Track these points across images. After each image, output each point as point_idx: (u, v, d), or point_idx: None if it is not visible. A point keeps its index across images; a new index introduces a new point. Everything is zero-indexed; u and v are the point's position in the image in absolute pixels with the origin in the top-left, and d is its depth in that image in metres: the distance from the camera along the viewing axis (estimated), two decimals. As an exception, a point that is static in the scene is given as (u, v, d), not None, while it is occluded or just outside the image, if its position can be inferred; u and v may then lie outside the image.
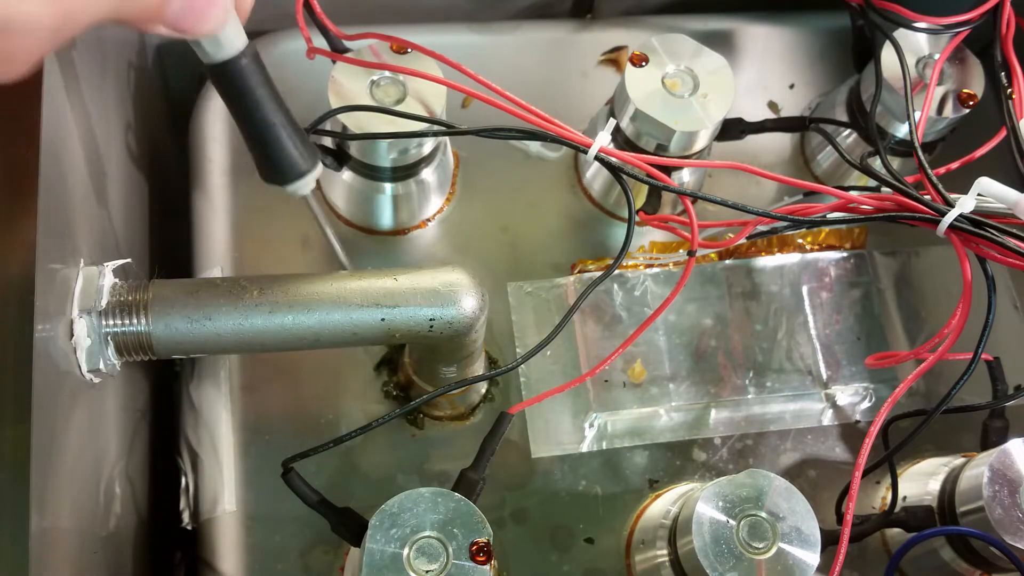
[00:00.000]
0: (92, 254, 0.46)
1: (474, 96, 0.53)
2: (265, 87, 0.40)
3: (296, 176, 0.43)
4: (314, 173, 0.43)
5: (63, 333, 0.41)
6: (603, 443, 0.59)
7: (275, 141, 0.41)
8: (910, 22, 0.60)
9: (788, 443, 0.61)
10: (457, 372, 0.54)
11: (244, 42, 0.38)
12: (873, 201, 0.52)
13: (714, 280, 0.64)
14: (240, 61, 0.38)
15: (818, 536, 0.48)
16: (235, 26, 0.37)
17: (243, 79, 0.39)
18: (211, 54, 0.37)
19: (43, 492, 0.37)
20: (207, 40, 0.37)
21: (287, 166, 0.42)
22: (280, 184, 0.43)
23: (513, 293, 0.62)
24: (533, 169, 0.66)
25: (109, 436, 0.50)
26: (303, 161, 0.42)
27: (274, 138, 0.41)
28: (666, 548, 0.52)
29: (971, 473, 0.53)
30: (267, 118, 0.40)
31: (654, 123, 0.58)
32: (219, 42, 0.37)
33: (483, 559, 0.44)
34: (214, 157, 0.63)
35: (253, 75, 0.39)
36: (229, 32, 0.37)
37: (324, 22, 0.54)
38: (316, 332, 0.47)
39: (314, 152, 0.43)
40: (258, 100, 0.40)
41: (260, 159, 0.43)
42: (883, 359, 0.59)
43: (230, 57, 0.38)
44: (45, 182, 0.39)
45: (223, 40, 0.37)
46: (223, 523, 0.55)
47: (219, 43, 0.37)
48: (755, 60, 0.71)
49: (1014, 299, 0.67)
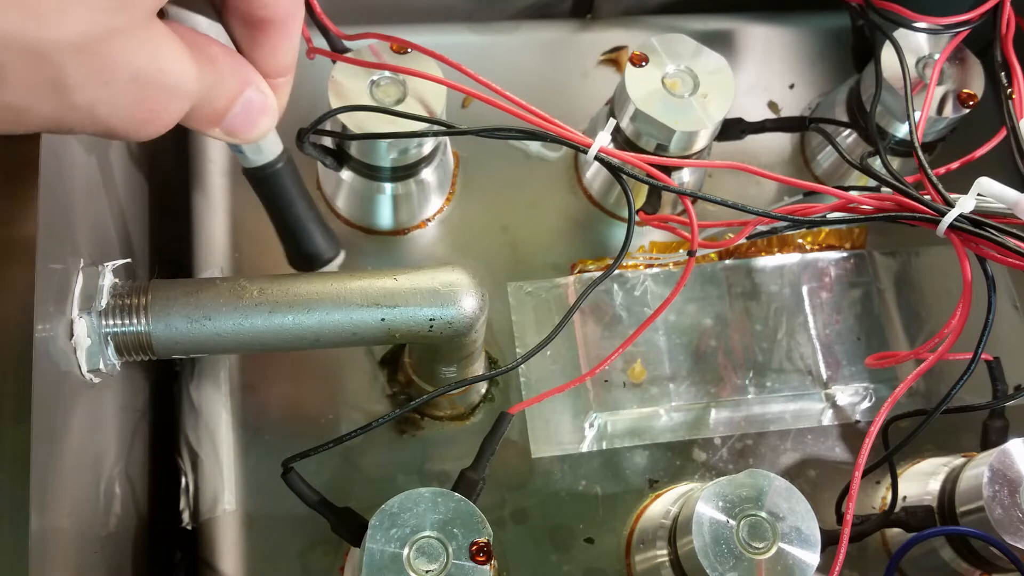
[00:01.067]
0: (92, 254, 0.46)
1: (474, 96, 0.53)
2: (296, 186, 0.44)
3: (321, 264, 0.48)
4: (337, 261, 0.48)
5: (63, 333, 0.41)
6: (603, 443, 0.59)
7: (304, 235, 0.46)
8: (910, 22, 0.60)
9: (788, 443, 0.61)
10: (457, 372, 0.54)
11: (280, 148, 0.41)
12: (873, 201, 0.52)
13: (714, 280, 0.64)
14: (276, 165, 0.42)
15: (818, 536, 0.48)
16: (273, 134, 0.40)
17: (278, 181, 0.43)
18: (253, 160, 0.41)
19: (43, 492, 0.37)
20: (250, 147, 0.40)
21: (314, 256, 0.47)
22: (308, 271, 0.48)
23: (513, 293, 0.62)
24: (533, 169, 0.66)
25: (109, 436, 0.50)
26: (327, 251, 0.47)
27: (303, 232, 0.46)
28: (666, 548, 0.52)
29: (971, 473, 0.53)
30: (298, 214, 0.45)
31: (654, 123, 0.58)
32: (261, 148, 0.41)
33: (483, 559, 0.44)
34: (214, 157, 0.63)
35: (287, 177, 0.43)
36: (271, 139, 0.40)
37: (324, 22, 0.54)
38: (316, 332, 0.47)
39: (336, 241, 0.48)
40: (291, 199, 0.44)
41: (290, 250, 0.47)
42: (883, 359, 0.59)
43: (268, 162, 0.41)
44: (45, 182, 0.39)
45: (264, 147, 0.41)
46: (223, 523, 0.55)
47: (261, 149, 0.41)
48: (755, 60, 0.71)
49: (1014, 299, 0.67)
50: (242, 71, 0.36)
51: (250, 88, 0.36)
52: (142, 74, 0.30)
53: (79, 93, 0.29)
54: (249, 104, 0.36)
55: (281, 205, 0.44)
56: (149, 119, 0.32)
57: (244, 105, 0.36)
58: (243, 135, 0.37)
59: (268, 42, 0.37)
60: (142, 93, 0.31)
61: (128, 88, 0.30)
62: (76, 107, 0.30)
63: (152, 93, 0.31)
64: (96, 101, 0.30)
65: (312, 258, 0.46)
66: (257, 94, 0.36)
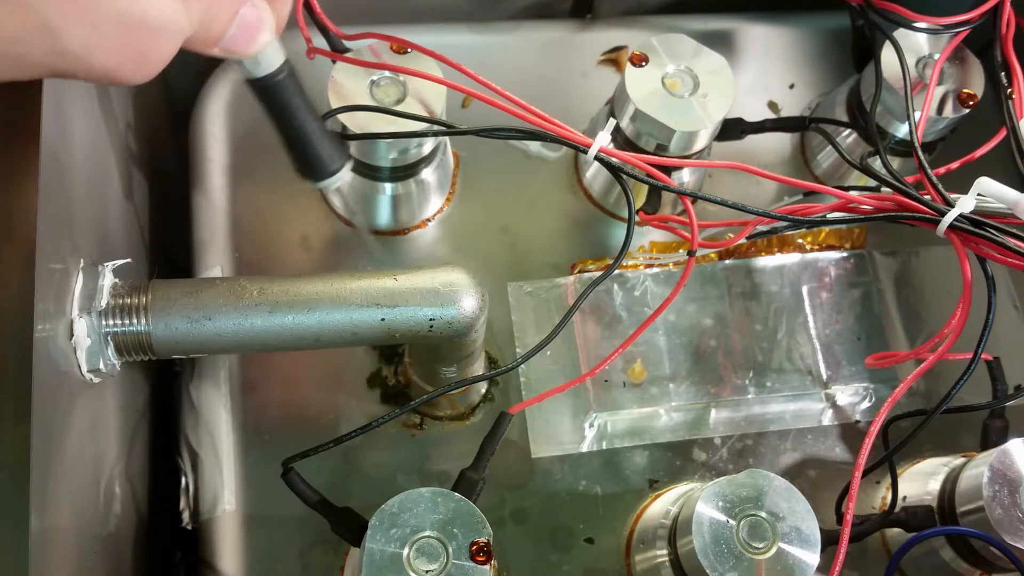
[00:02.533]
0: (92, 254, 0.46)
1: (474, 96, 0.53)
2: (300, 97, 0.44)
3: (329, 173, 0.47)
4: (345, 170, 0.48)
5: (63, 333, 0.41)
6: (603, 443, 0.59)
7: (310, 145, 0.46)
8: (910, 22, 0.60)
9: (788, 443, 0.61)
10: (457, 372, 0.54)
11: (282, 59, 0.42)
12: (873, 201, 0.52)
13: (714, 280, 0.64)
14: (278, 76, 0.42)
15: (818, 536, 0.48)
16: (274, 46, 0.41)
17: (281, 92, 0.43)
18: (253, 71, 0.41)
19: (43, 492, 0.37)
20: (250, 60, 0.40)
21: (322, 165, 0.47)
22: (315, 180, 0.48)
23: (513, 293, 0.62)
24: (533, 169, 0.66)
25: (109, 436, 0.50)
26: (334, 161, 0.47)
27: (309, 142, 0.46)
28: (666, 548, 0.52)
29: (971, 473, 0.53)
30: (303, 124, 0.45)
31: (654, 123, 0.58)
32: (259, 61, 0.41)
33: (483, 559, 0.44)
34: (214, 157, 0.63)
35: (289, 88, 0.43)
36: (270, 51, 0.41)
37: (324, 22, 0.54)
38: (316, 332, 0.47)
39: (344, 151, 0.48)
40: (295, 109, 0.44)
41: (297, 160, 0.47)
42: (883, 359, 0.59)
43: (270, 72, 0.41)
44: (45, 182, 0.39)
45: (263, 59, 0.41)
46: (223, 523, 0.55)
47: (259, 62, 0.41)
48: (755, 60, 0.71)
49: (1014, 299, 0.67)
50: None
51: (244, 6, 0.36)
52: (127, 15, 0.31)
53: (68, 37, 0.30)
54: (245, 22, 0.36)
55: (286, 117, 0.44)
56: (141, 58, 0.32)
57: (240, 24, 0.36)
58: (242, 52, 0.37)
59: None
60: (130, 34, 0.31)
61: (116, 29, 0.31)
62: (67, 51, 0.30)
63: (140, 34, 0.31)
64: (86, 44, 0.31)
65: (318, 168, 0.47)
66: (252, 10, 0.36)
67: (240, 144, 0.63)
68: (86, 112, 0.49)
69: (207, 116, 0.64)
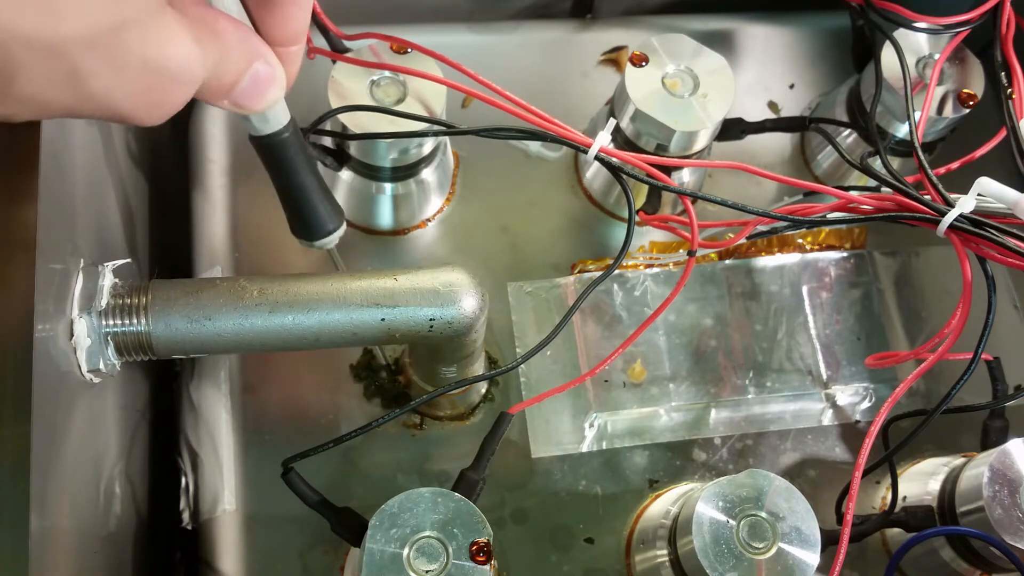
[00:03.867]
0: (92, 254, 0.46)
1: (474, 96, 0.53)
2: (302, 155, 0.44)
3: (324, 234, 0.47)
4: (339, 232, 0.48)
5: (63, 333, 0.41)
6: (603, 443, 0.59)
7: (308, 204, 0.46)
8: (910, 22, 0.60)
9: (788, 443, 0.61)
10: (457, 372, 0.54)
11: (287, 118, 0.42)
12: (873, 201, 0.52)
13: (714, 280, 0.64)
14: (283, 135, 0.42)
15: (818, 536, 0.48)
16: (281, 104, 0.41)
17: (284, 150, 0.43)
18: (259, 128, 0.41)
19: (43, 492, 0.37)
20: (257, 116, 0.40)
21: (318, 226, 0.47)
22: (309, 240, 0.47)
23: (513, 293, 0.62)
24: (533, 169, 0.66)
25: (109, 436, 0.50)
26: (330, 222, 0.47)
27: (307, 202, 0.46)
28: (666, 548, 0.52)
29: (971, 473, 0.53)
30: (303, 184, 0.45)
31: (654, 123, 0.58)
32: (267, 118, 0.41)
33: (483, 559, 0.44)
34: (214, 157, 0.63)
35: (293, 146, 0.43)
36: (278, 109, 0.41)
37: (324, 22, 0.54)
38: (316, 332, 0.47)
39: (340, 212, 0.48)
40: (296, 168, 0.44)
41: (293, 219, 0.47)
42: (883, 359, 0.59)
43: (276, 130, 0.41)
44: (45, 183, 0.39)
45: (271, 116, 0.41)
46: (223, 523, 0.55)
47: (267, 119, 0.41)
48: (755, 60, 0.71)
49: (1014, 299, 0.67)
50: (249, 44, 0.36)
51: (258, 61, 0.36)
52: (151, 61, 0.31)
53: (94, 82, 0.30)
54: (257, 77, 0.36)
55: (286, 174, 0.44)
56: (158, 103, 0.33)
57: (252, 78, 0.36)
58: (251, 107, 0.37)
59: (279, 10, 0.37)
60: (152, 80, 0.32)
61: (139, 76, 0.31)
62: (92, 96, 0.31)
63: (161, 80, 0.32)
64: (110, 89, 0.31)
65: (314, 228, 0.47)
66: (265, 67, 0.36)
67: (240, 144, 0.63)
68: (86, 112, 0.49)
69: (207, 116, 0.64)
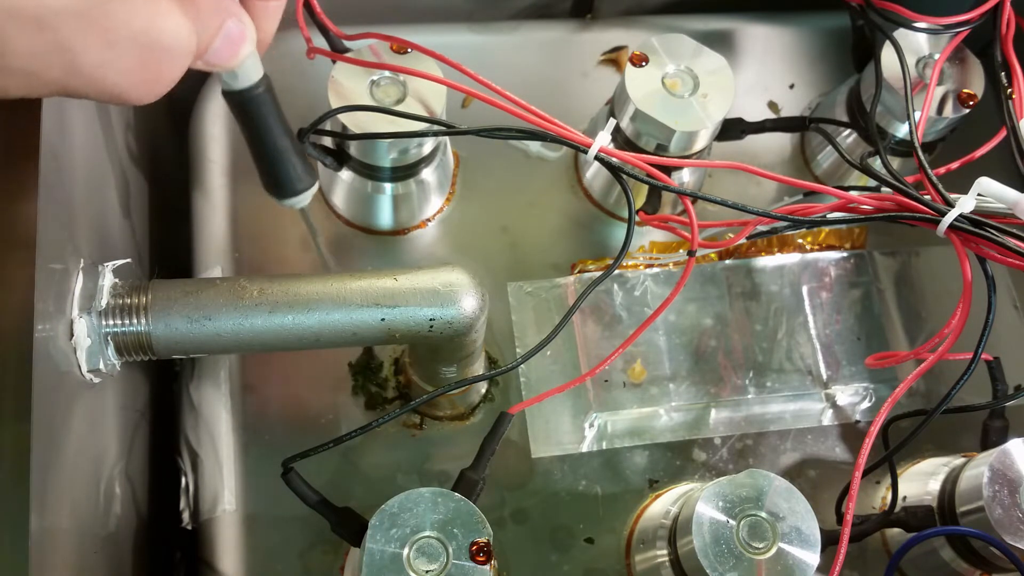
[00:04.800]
0: (92, 254, 0.46)
1: (474, 96, 0.53)
2: (275, 113, 0.44)
3: (295, 192, 0.47)
4: (311, 191, 0.48)
5: (63, 333, 0.41)
6: (603, 443, 0.59)
7: (280, 162, 0.46)
8: (910, 22, 0.60)
9: (788, 443, 0.61)
10: (457, 372, 0.54)
11: (260, 74, 0.42)
12: (873, 201, 0.52)
13: (714, 280, 0.64)
14: (255, 90, 0.42)
15: (818, 536, 0.48)
16: (254, 60, 0.41)
17: (256, 106, 0.43)
18: (231, 84, 0.42)
19: (43, 492, 0.37)
20: (229, 73, 0.41)
21: (288, 183, 0.47)
22: (279, 198, 0.48)
23: (513, 293, 0.62)
24: (533, 169, 0.66)
25: (109, 436, 0.50)
26: (301, 180, 0.47)
27: (279, 159, 0.46)
28: (666, 548, 0.52)
29: (971, 473, 0.53)
30: (275, 141, 0.45)
31: (654, 123, 0.58)
32: (237, 75, 0.41)
33: (483, 559, 0.44)
34: (214, 157, 0.63)
35: (265, 103, 0.43)
36: (248, 65, 0.41)
37: (324, 22, 0.54)
38: (316, 332, 0.47)
39: (312, 172, 0.48)
40: (269, 125, 0.44)
41: (265, 175, 0.47)
42: (883, 359, 0.59)
43: (247, 87, 0.42)
44: (45, 182, 0.39)
45: (242, 73, 0.41)
46: (223, 523, 0.55)
47: (237, 76, 0.41)
48: (755, 60, 0.71)
49: (1014, 299, 0.67)
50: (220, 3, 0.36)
51: (230, 20, 0.36)
52: (141, 34, 0.31)
53: (83, 57, 0.30)
54: (229, 35, 0.37)
55: (259, 131, 0.44)
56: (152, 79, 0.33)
57: (224, 37, 0.37)
58: (223, 65, 0.38)
59: None
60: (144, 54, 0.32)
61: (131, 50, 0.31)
62: (81, 70, 0.31)
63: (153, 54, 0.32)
64: (100, 64, 0.31)
65: (285, 186, 0.47)
66: (236, 24, 0.37)
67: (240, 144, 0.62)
68: (86, 112, 0.49)
69: (207, 116, 0.64)
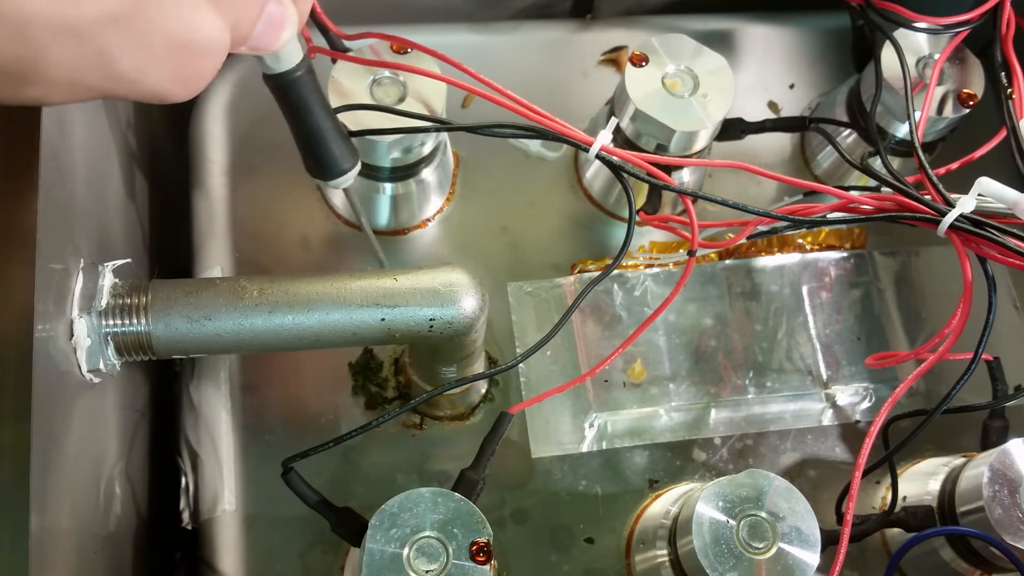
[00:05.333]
0: (92, 254, 0.46)
1: (475, 93, 0.53)
2: (317, 94, 0.44)
3: (341, 172, 0.48)
4: (355, 171, 0.49)
5: (63, 333, 0.41)
6: (603, 443, 0.59)
7: (323, 143, 0.46)
8: (910, 22, 0.60)
9: (788, 443, 0.61)
10: (457, 372, 0.54)
11: (300, 56, 0.42)
12: (873, 201, 0.52)
13: (714, 280, 0.64)
14: (296, 73, 0.43)
15: (818, 536, 0.48)
16: (295, 43, 0.41)
17: (298, 88, 0.43)
18: (274, 67, 0.42)
19: (43, 492, 0.37)
20: (271, 56, 0.41)
21: (334, 164, 0.47)
22: (324, 179, 0.48)
23: (513, 293, 0.62)
24: (533, 169, 0.66)
25: (109, 436, 0.50)
26: (345, 161, 0.48)
27: (322, 140, 0.46)
28: (666, 548, 0.52)
29: (971, 473, 0.53)
30: (318, 123, 0.45)
31: (654, 123, 0.58)
32: (279, 57, 0.42)
33: (483, 559, 0.44)
34: (214, 157, 0.63)
35: (307, 85, 0.44)
36: (290, 48, 0.41)
37: (324, 21, 0.54)
38: (316, 332, 0.47)
39: (355, 152, 0.48)
40: (311, 107, 0.45)
41: (309, 157, 0.48)
42: (883, 359, 0.59)
43: (288, 69, 0.42)
44: (45, 182, 0.39)
45: (283, 56, 0.42)
46: (223, 523, 0.55)
47: (280, 58, 0.42)
48: (755, 60, 0.71)
49: (1014, 299, 0.67)
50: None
51: (270, 4, 0.37)
52: (176, 36, 0.32)
53: (121, 62, 0.31)
54: (271, 19, 0.37)
55: (300, 113, 0.45)
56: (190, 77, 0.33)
57: (266, 21, 0.37)
58: (267, 48, 0.38)
59: None
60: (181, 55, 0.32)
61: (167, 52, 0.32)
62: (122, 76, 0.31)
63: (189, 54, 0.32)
64: (138, 68, 0.31)
65: (329, 167, 0.47)
66: (277, 7, 0.37)
67: (240, 144, 0.63)
68: (86, 112, 0.49)
69: (207, 116, 0.64)
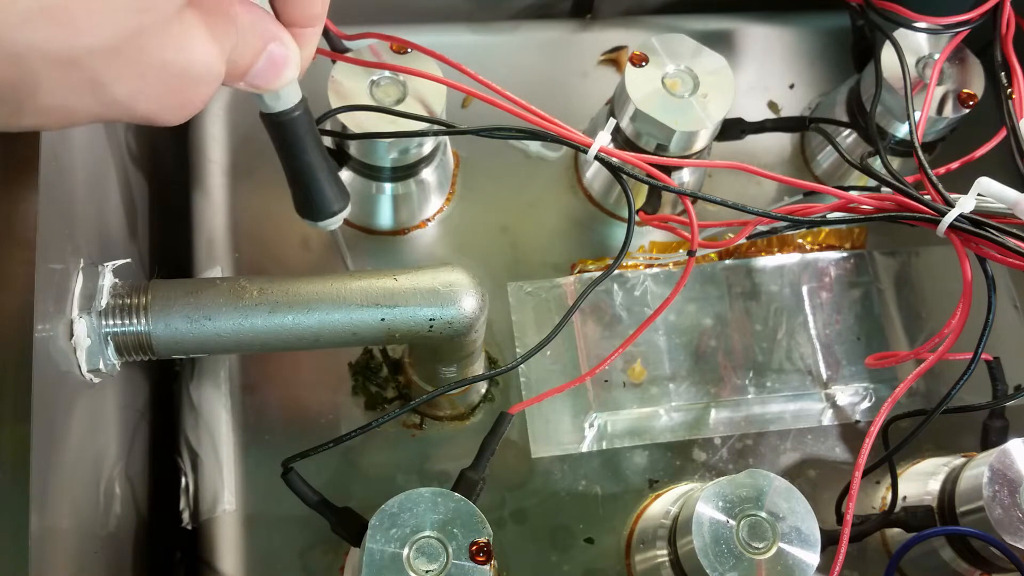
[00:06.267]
0: (92, 254, 0.46)
1: (474, 95, 0.53)
2: (311, 135, 0.44)
3: (330, 214, 0.47)
4: (344, 213, 0.48)
5: (63, 333, 0.41)
6: (603, 443, 0.59)
7: (314, 184, 0.46)
8: (910, 22, 0.60)
9: (788, 443, 0.61)
10: (457, 372, 0.54)
11: (299, 97, 0.42)
12: (873, 201, 0.52)
13: (714, 280, 0.64)
14: (294, 113, 0.42)
15: (818, 536, 0.48)
16: (295, 84, 0.41)
17: (294, 129, 0.43)
18: (271, 106, 0.42)
19: (43, 492, 0.37)
20: (270, 95, 0.41)
21: (324, 205, 0.47)
22: (314, 219, 0.47)
23: (513, 293, 0.62)
24: (533, 169, 0.66)
25: (109, 436, 0.50)
26: (336, 202, 0.47)
27: (314, 181, 0.46)
28: (666, 548, 0.52)
29: (971, 473, 0.53)
30: (310, 162, 0.45)
31: (654, 123, 0.58)
32: (279, 96, 0.41)
33: (483, 559, 0.44)
34: (214, 157, 0.63)
35: (302, 125, 0.43)
36: (289, 89, 0.41)
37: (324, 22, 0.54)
38: (316, 332, 0.47)
39: (346, 193, 0.48)
40: (305, 147, 0.44)
41: (299, 197, 0.47)
42: (883, 359, 0.59)
43: (287, 108, 0.42)
44: (45, 182, 0.39)
45: (283, 95, 0.41)
46: (223, 523, 0.55)
47: (279, 97, 0.41)
48: (755, 60, 0.71)
49: (1014, 299, 0.67)
50: (263, 26, 0.37)
51: (273, 43, 0.37)
52: (172, 65, 0.32)
53: (115, 88, 0.31)
54: (272, 58, 0.37)
55: (295, 153, 0.45)
56: (184, 103, 0.33)
57: (267, 59, 0.37)
58: (266, 87, 0.38)
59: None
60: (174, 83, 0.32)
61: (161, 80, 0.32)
62: (115, 101, 0.31)
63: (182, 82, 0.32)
64: (132, 94, 0.31)
65: (319, 209, 0.47)
66: (279, 47, 0.37)
67: (240, 144, 0.63)
68: (86, 112, 0.49)
69: (207, 116, 0.64)
